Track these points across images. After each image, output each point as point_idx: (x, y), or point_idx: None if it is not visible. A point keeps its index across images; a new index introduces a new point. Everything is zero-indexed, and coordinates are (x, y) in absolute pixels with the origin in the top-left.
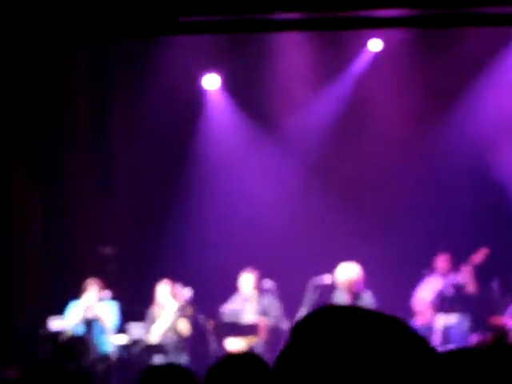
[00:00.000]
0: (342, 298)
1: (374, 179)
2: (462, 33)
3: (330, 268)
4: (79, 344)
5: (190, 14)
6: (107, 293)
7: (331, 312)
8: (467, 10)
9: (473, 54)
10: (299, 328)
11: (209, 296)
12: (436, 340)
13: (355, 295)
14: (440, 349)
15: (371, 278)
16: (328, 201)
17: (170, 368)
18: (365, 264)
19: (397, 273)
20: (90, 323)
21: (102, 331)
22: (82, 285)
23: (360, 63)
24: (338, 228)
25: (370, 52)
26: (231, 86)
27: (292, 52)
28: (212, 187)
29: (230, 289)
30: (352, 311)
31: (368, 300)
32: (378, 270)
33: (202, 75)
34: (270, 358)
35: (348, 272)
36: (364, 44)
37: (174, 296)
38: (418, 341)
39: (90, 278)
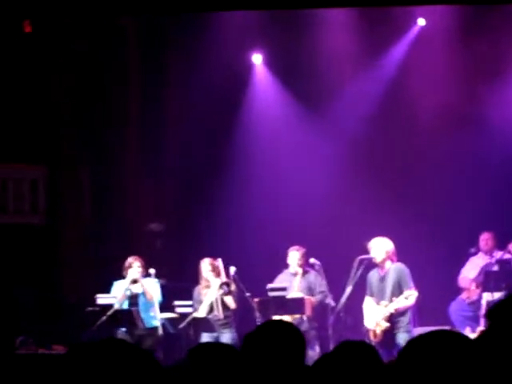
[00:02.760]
0: (377, 272)
1: (418, 160)
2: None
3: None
4: (126, 317)
5: None
6: (152, 270)
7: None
8: None
9: None
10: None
11: (255, 274)
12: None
13: (389, 268)
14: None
15: (419, 257)
16: (372, 181)
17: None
18: (412, 242)
19: (444, 251)
20: (135, 298)
21: (147, 306)
22: (125, 262)
23: (407, 42)
24: (384, 207)
25: (418, 30)
26: (277, 63)
27: (337, 30)
28: (257, 165)
29: (277, 266)
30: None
31: (402, 274)
32: (426, 248)
33: (250, 52)
34: (315, 334)
35: (380, 245)
36: (411, 22)
37: (218, 273)
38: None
39: (131, 256)
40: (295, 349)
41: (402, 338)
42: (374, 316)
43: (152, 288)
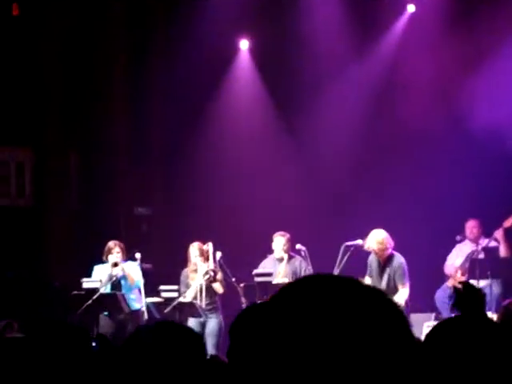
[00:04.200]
0: (375, 261)
1: (405, 148)
2: None
3: (361, 233)
4: (111, 301)
5: None
6: (138, 254)
7: (315, 280)
8: None
9: (505, 17)
10: (283, 292)
11: (240, 259)
12: None
13: (388, 259)
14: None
15: (405, 244)
16: (359, 169)
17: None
18: (397, 230)
19: (431, 238)
20: (117, 282)
21: (129, 289)
22: (105, 247)
23: (397, 26)
24: (370, 195)
25: (407, 14)
26: (262, 50)
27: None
28: (245, 150)
29: (261, 252)
30: (334, 280)
31: (398, 268)
32: (412, 236)
33: (237, 36)
34: None
35: (377, 237)
36: (400, 6)
37: (206, 258)
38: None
39: (111, 241)
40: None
41: None
42: None
43: (133, 271)
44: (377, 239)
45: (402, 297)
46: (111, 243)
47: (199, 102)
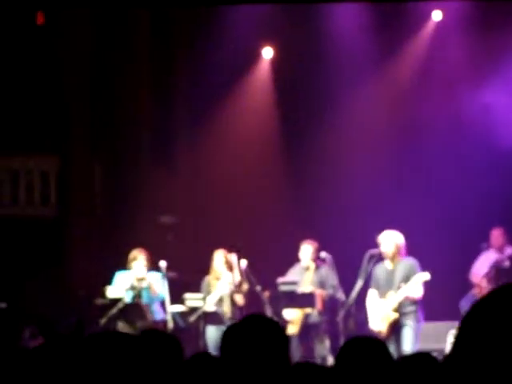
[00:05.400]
0: (385, 265)
1: (430, 156)
2: None
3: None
4: (135, 311)
5: None
6: (163, 263)
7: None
8: None
9: None
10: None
11: (266, 267)
12: None
13: (398, 262)
14: None
15: (429, 252)
16: (383, 175)
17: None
18: (423, 237)
19: (456, 247)
20: (139, 291)
21: (152, 299)
22: (129, 255)
23: (423, 34)
24: (395, 202)
25: (433, 23)
26: (285, 59)
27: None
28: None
29: (289, 260)
30: None
31: (411, 267)
32: (437, 244)
33: (261, 45)
34: (325, 328)
35: (390, 239)
36: (425, 15)
37: (230, 266)
38: None
39: (136, 249)
40: (277, 346)
41: (410, 331)
42: (381, 309)
43: (156, 283)
44: (396, 242)
45: (419, 287)
46: (136, 251)
47: (214, 108)
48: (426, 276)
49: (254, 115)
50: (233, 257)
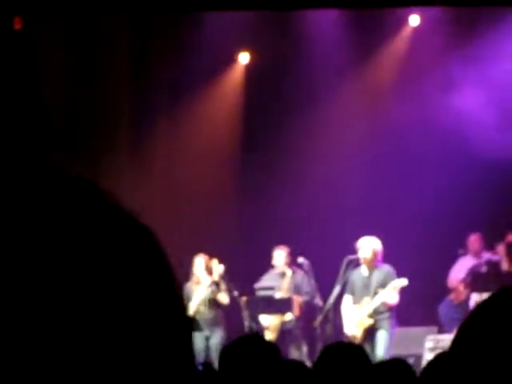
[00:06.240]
0: (362, 271)
1: (408, 161)
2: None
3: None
4: None
5: None
6: None
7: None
8: None
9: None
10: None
11: (242, 272)
12: None
13: (374, 268)
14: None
15: (406, 258)
16: (361, 181)
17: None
18: (401, 243)
19: (433, 252)
20: None
21: None
22: None
23: (400, 39)
24: (373, 208)
25: (410, 28)
26: (261, 64)
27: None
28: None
29: (263, 265)
30: None
31: (388, 274)
32: (415, 249)
33: (238, 50)
34: (302, 333)
35: (368, 245)
36: (402, 20)
37: (210, 271)
38: None
39: None
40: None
41: (384, 336)
42: (356, 315)
43: None
44: (374, 248)
45: (394, 294)
46: None
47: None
48: (403, 282)
49: (221, 119)
50: (213, 262)
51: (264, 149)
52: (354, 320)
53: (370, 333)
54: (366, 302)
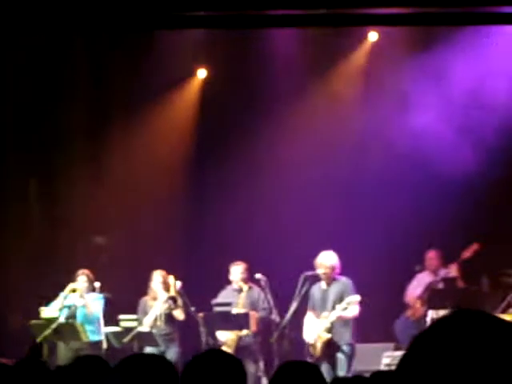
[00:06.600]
0: (321, 285)
1: (367, 177)
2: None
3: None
4: (69, 330)
5: (187, 9)
6: (97, 283)
7: (465, 316)
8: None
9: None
10: (435, 328)
11: (199, 289)
12: None
13: (332, 282)
14: None
15: (363, 274)
16: (319, 195)
17: (152, 357)
18: (358, 259)
19: (390, 268)
20: (74, 311)
21: (88, 320)
22: (73, 275)
23: (359, 55)
24: (331, 222)
25: (368, 45)
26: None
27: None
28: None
29: (220, 282)
30: (484, 317)
31: (345, 286)
32: (371, 265)
33: (196, 66)
34: (259, 349)
35: (326, 260)
36: (361, 36)
37: (167, 287)
38: None
39: (80, 269)
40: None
41: (343, 352)
42: (315, 329)
43: (93, 303)
44: (331, 263)
45: (353, 308)
46: (79, 271)
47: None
48: (356, 298)
49: (175, 132)
50: (170, 278)
51: (222, 162)
52: (312, 335)
53: (330, 349)
54: (323, 316)
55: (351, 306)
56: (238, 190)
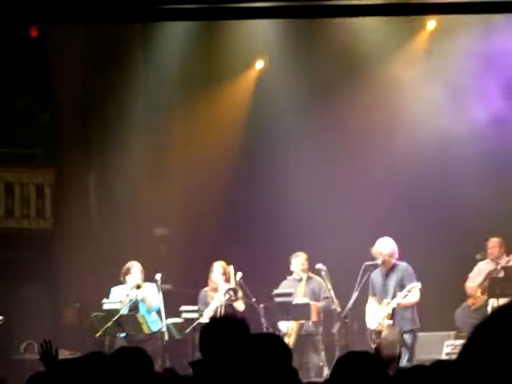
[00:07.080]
0: (381, 272)
1: (423, 167)
2: None
3: None
4: (131, 322)
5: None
6: (158, 275)
7: None
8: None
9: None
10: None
11: (260, 279)
12: None
13: (391, 268)
14: None
15: (424, 262)
16: (378, 186)
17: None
18: (420, 248)
19: (452, 257)
20: (136, 303)
21: (148, 312)
22: (122, 268)
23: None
24: (391, 213)
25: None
26: None
27: None
28: (263, 170)
29: (282, 272)
30: None
31: (405, 272)
32: (433, 254)
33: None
34: (320, 339)
35: (382, 247)
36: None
37: (227, 278)
38: None
39: (130, 261)
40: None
41: (406, 338)
42: (377, 315)
43: (151, 295)
44: (388, 248)
45: (414, 294)
46: (129, 264)
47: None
48: (417, 285)
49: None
50: (230, 269)
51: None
52: (374, 321)
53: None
54: (385, 303)
55: (412, 293)
56: (300, 178)
